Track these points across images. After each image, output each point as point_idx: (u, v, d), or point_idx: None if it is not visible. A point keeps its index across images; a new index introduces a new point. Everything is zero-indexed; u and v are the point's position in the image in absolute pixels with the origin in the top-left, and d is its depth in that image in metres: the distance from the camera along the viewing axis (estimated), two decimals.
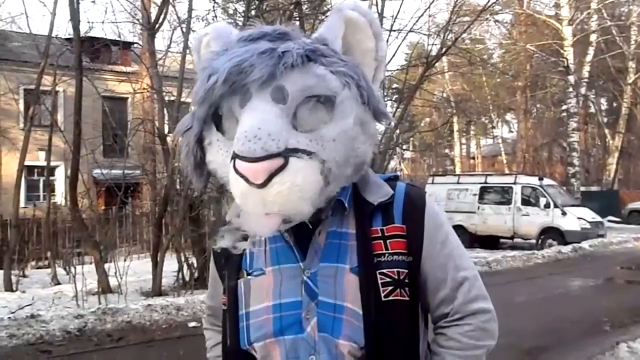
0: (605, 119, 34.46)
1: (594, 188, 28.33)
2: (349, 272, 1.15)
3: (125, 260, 9.51)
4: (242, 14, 11.45)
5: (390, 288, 1.14)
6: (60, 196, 17.15)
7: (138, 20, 12.54)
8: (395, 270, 1.15)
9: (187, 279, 9.84)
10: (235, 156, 1.00)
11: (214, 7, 12.48)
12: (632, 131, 32.21)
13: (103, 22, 18.40)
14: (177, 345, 6.65)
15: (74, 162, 9.56)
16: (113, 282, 9.24)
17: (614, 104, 34.52)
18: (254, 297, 1.20)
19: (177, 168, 10.55)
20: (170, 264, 9.99)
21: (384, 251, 1.16)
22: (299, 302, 1.16)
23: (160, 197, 10.35)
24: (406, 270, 1.16)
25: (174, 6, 11.81)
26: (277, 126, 1.01)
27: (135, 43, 19.46)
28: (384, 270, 1.15)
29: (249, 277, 1.21)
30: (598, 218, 17.02)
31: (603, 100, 36.97)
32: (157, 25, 10.98)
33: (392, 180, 1.28)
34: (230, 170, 1.03)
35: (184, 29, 11.14)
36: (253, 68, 1.03)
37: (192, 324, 7.55)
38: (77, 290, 8.31)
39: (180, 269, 9.87)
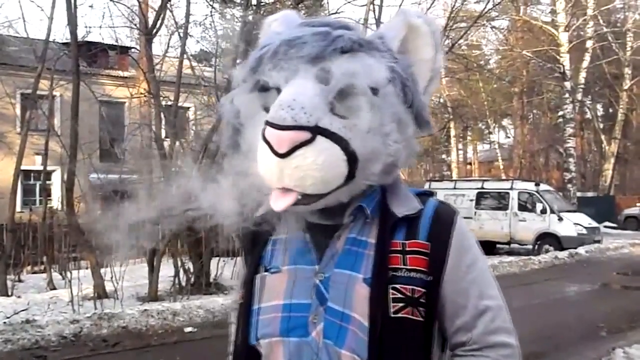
0: (602, 125, 34.62)
1: (590, 194, 28.42)
2: (361, 282, 1.10)
3: (121, 265, 9.48)
4: (240, 19, 11.47)
5: (400, 305, 1.09)
6: (56, 201, 17.13)
7: (135, 25, 12.56)
8: (409, 287, 1.09)
9: (183, 284, 9.82)
10: (265, 123, 1.01)
11: (211, 12, 12.52)
12: (628, 137, 32.38)
13: (100, 27, 18.25)
14: (174, 350, 6.63)
15: (71, 166, 9.55)
16: (109, 287, 9.22)
17: (610, 110, 34.68)
18: (267, 293, 1.18)
19: (174, 173, 10.54)
20: (166, 269, 9.97)
21: (401, 266, 1.11)
22: (308, 304, 1.13)
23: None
24: (423, 290, 1.10)
25: (171, 11, 11.86)
26: (312, 101, 1.01)
27: (133, 48, 19.47)
28: (397, 286, 1.09)
29: (266, 273, 1.20)
30: (594, 224, 17.06)
31: (599, 106, 37.10)
32: (154, 30, 10.99)
33: (425, 196, 1.23)
34: (259, 139, 1.03)
35: (181, 34, 11.16)
36: (304, 45, 1.05)
37: (189, 329, 7.53)
38: (72, 295, 8.29)
39: (177, 274, 9.86)
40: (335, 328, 1.10)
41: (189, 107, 16.71)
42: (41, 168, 14.11)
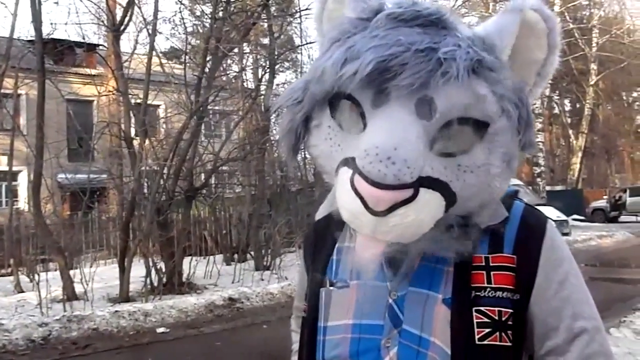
0: (569, 120, 35.30)
1: (558, 187, 28.95)
2: (440, 302, 0.97)
3: (91, 266, 9.32)
4: (209, 16, 11.37)
5: (487, 330, 0.95)
6: (23, 202, 16.80)
7: (103, 21, 12.32)
8: (496, 309, 0.96)
9: (155, 284, 9.70)
10: (357, 171, 0.84)
11: (180, 8, 12.41)
12: (594, 131, 33.07)
13: (66, 24, 17.99)
14: (146, 351, 6.56)
15: (37, 166, 9.35)
16: (79, 288, 9.05)
17: (577, 105, 35.36)
18: (334, 311, 1.07)
19: (144, 172, 10.42)
20: (137, 269, 9.83)
21: (486, 285, 0.97)
22: (381, 326, 1.00)
23: (127, 201, 10.19)
24: (510, 310, 0.96)
25: (139, 7, 11.65)
26: (416, 150, 0.84)
27: (100, 45, 19.17)
28: (482, 308, 0.96)
29: (332, 287, 1.08)
30: (563, 217, 17.40)
31: (567, 102, 37.82)
32: (122, 27, 10.82)
33: (509, 198, 1.05)
34: (341, 180, 0.88)
35: (150, 31, 11.00)
36: (403, 69, 0.84)
37: (161, 329, 7.45)
38: (41, 297, 8.11)
39: (148, 274, 9.73)
40: (412, 353, 0.97)
41: (158, 105, 16.54)
42: (7, 168, 13.77)
